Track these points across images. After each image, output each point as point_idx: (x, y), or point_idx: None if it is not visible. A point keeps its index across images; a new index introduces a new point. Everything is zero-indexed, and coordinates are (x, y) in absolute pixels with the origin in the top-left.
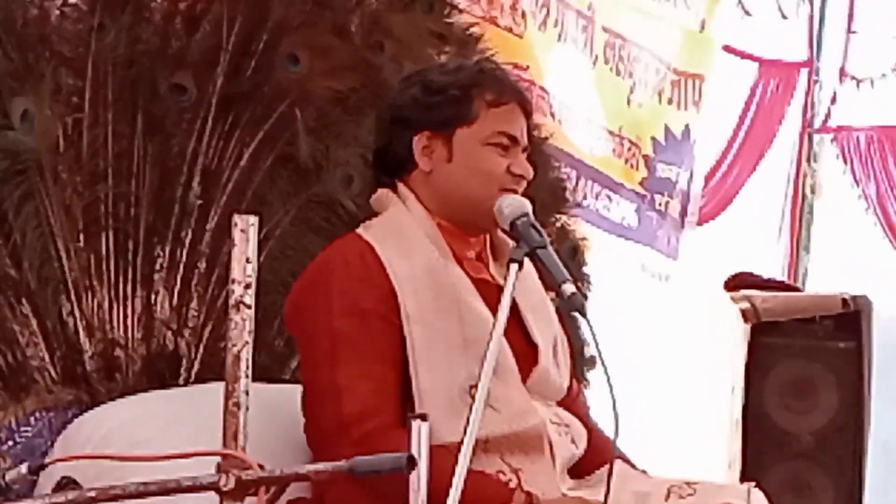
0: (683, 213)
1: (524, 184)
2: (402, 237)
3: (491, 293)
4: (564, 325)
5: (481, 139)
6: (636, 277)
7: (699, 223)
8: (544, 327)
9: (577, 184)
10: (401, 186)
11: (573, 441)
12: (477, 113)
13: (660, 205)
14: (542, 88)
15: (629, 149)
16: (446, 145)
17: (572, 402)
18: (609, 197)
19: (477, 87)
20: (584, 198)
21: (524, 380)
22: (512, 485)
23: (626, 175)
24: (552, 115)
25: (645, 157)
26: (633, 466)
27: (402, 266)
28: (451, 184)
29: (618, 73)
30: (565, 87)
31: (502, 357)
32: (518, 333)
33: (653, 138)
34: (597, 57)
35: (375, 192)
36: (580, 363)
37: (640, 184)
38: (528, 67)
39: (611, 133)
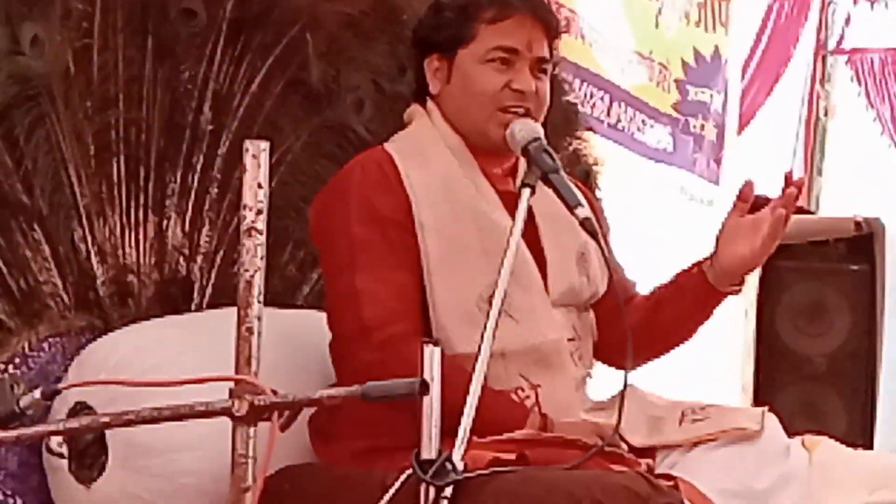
0: (721, 136)
1: (532, 100)
2: (422, 149)
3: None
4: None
5: (478, 58)
6: (675, 202)
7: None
8: (565, 237)
9: (609, 107)
10: (428, 101)
11: (580, 358)
12: (475, 32)
13: (694, 128)
14: (571, 10)
15: (660, 72)
16: (449, 67)
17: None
18: (642, 121)
19: (475, 6)
20: (618, 121)
21: (548, 289)
22: (529, 402)
23: (659, 99)
24: (582, 37)
25: (676, 80)
26: None
27: (418, 176)
28: (453, 105)
29: None
30: (594, 9)
31: (524, 266)
32: (539, 245)
33: (683, 61)
34: None
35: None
36: None
37: (673, 108)
38: None
39: (641, 56)
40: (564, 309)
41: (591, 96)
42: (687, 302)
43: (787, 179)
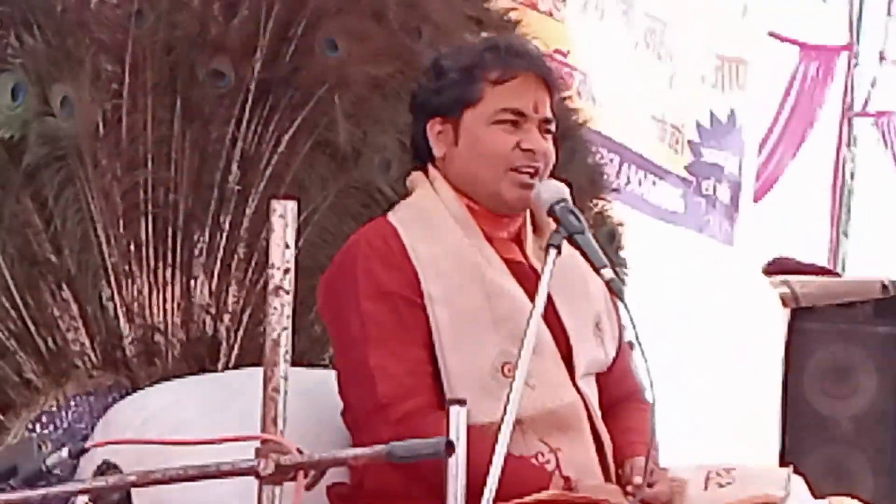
0: (735, 198)
1: (542, 160)
2: (426, 219)
3: (523, 273)
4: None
5: (486, 119)
6: (686, 262)
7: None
8: (581, 306)
9: (619, 169)
10: (431, 168)
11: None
12: (481, 93)
13: (707, 189)
14: (582, 73)
15: (672, 134)
16: (455, 129)
17: (611, 371)
18: (653, 182)
19: (479, 67)
20: (628, 183)
21: (565, 358)
22: (550, 467)
23: (670, 160)
24: (593, 99)
25: (689, 142)
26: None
27: (425, 249)
28: (461, 167)
29: (659, 58)
30: (606, 71)
31: (539, 334)
32: (553, 314)
33: (697, 123)
34: (637, 42)
35: (410, 174)
36: None
37: (686, 169)
38: (568, 52)
39: (653, 118)
40: (589, 378)
41: (601, 158)
42: None
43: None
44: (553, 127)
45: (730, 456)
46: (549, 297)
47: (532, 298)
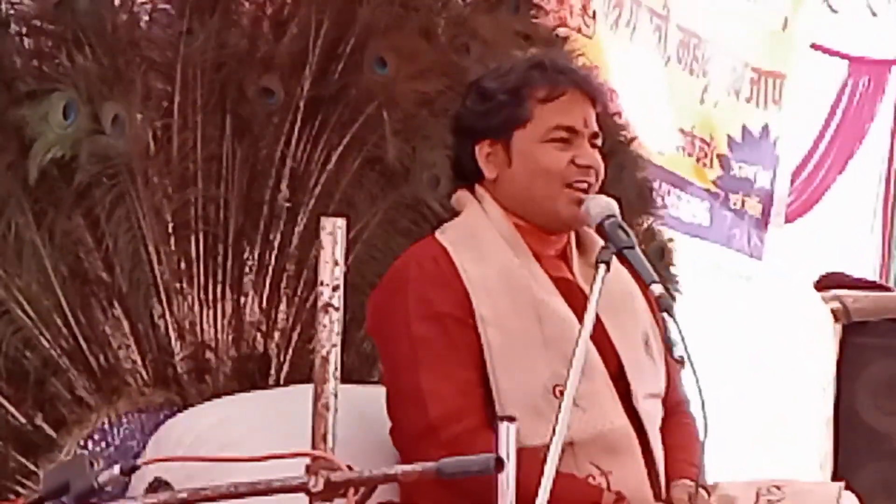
0: (766, 213)
1: (594, 174)
2: (476, 240)
3: (571, 291)
4: (656, 316)
5: (538, 138)
6: (712, 277)
7: (787, 221)
8: (629, 323)
9: None
10: (478, 187)
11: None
12: (530, 112)
13: (735, 203)
14: (610, 89)
15: (700, 147)
16: (506, 150)
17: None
18: (678, 196)
19: (527, 87)
20: None
21: (615, 379)
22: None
23: (697, 173)
24: (619, 115)
25: (720, 155)
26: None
27: (475, 270)
28: (516, 188)
29: (691, 73)
30: (635, 86)
31: (588, 354)
32: (603, 334)
33: (728, 137)
34: (669, 57)
35: (455, 193)
36: None
37: (714, 183)
38: (596, 68)
39: (682, 132)
40: (653, 399)
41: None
42: None
43: None
44: (600, 141)
45: (782, 471)
46: (598, 318)
47: (580, 317)
